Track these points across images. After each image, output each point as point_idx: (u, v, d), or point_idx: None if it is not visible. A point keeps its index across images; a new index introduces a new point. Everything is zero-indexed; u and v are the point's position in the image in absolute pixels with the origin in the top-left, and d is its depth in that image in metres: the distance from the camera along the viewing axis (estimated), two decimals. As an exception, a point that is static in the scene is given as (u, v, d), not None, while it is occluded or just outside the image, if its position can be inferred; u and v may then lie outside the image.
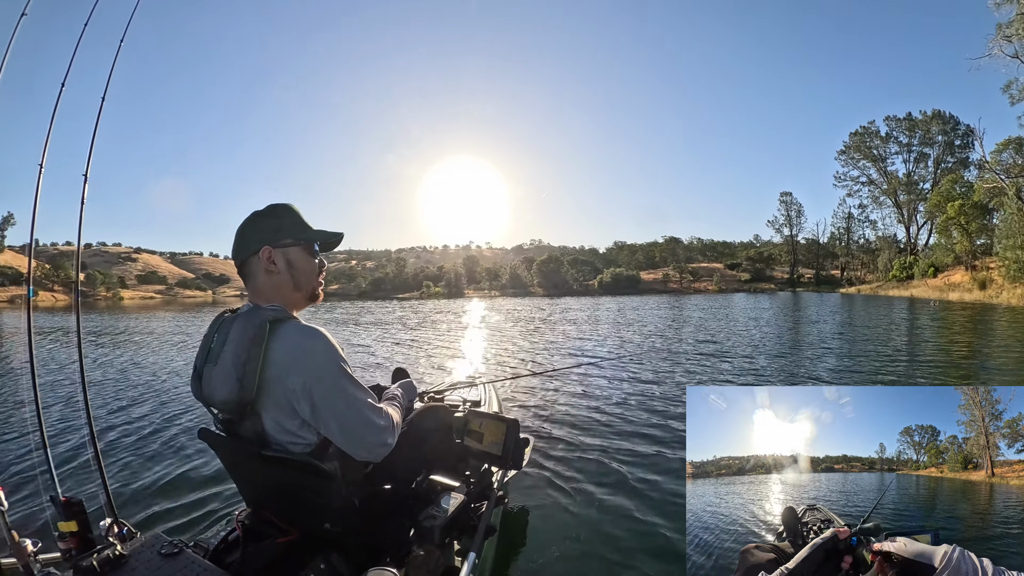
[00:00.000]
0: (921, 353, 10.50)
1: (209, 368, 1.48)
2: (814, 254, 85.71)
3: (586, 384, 7.12)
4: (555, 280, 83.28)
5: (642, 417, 5.31)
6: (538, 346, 12.31)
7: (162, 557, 1.49)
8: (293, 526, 1.60)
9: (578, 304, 37.34)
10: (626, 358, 9.66)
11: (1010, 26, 28.12)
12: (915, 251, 64.03)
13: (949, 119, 65.08)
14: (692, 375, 8.09)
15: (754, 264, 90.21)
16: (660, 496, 3.40)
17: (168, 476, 3.82)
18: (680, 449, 4.27)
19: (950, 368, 8.57)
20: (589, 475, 3.76)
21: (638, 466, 3.92)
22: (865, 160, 71.69)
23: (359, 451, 1.47)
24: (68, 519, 1.54)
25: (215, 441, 1.58)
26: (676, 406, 5.74)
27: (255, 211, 1.60)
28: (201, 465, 3.96)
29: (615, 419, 5.22)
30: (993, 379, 7.68)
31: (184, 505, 3.32)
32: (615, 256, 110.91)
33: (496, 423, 2.30)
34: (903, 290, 47.05)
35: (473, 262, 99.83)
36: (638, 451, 4.27)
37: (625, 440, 4.57)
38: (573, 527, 3.02)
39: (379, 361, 10.19)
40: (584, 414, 5.42)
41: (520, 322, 20.31)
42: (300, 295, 1.60)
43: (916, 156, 67.82)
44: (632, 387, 6.93)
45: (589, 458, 4.11)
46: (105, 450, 4.44)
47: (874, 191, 72.98)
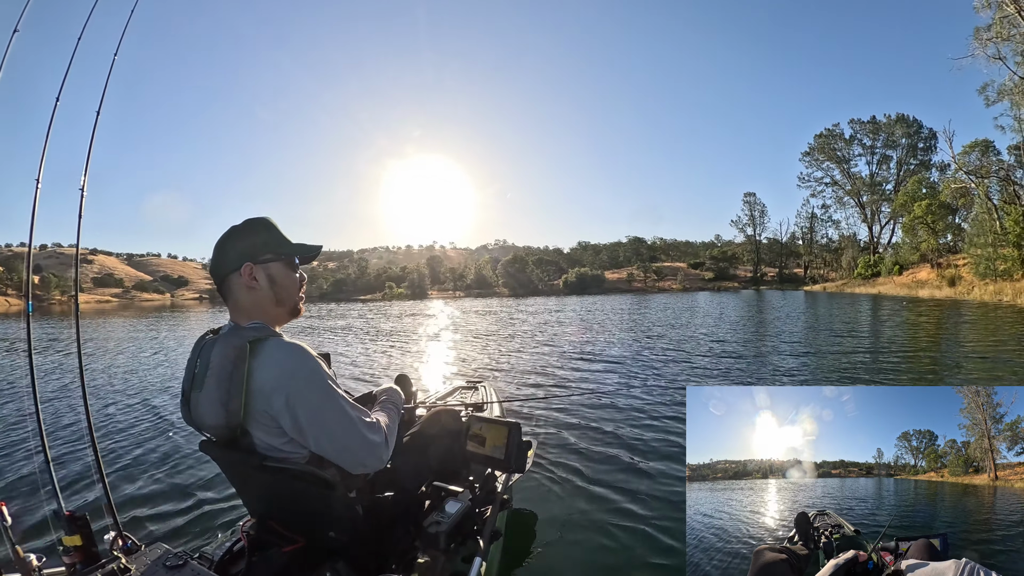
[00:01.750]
0: (915, 349, 10.60)
1: (195, 394, 1.48)
2: (776, 253, 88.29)
3: (589, 385, 7.12)
4: (520, 280, 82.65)
5: (646, 418, 5.31)
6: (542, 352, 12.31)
7: (167, 569, 1.49)
8: (298, 535, 1.60)
9: (544, 304, 37.50)
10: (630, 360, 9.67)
11: (989, 29, 28.34)
12: (877, 250, 66.50)
13: (913, 123, 67.65)
14: (697, 373, 8.15)
15: (717, 263, 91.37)
16: (665, 497, 3.41)
17: (171, 488, 3.81)
18: (683, 451, 4.29)
19: (958, 363, 8.65)
20: (593, 477, 3.76)
21: (642, 466, 3.93)
22: (829, 161, 73.73)
23: (354, 467, 1.47)
24: (72, 533, 1.54)
25: (216, 453, 1.58)
26: (680, 406, 5.74)
27: (233, 226, 1.58)
28: (204, 476, 3.95)
29: (619, 420, 5.22)
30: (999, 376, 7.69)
31: (188, 517, 3.30)
32: (580, 256, 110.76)
33: (498, 427, 2.29)
34: (870, 287, 47.87)
35: (437, 262, 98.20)
36: (642, 451, 4.28)
37: (629, 440, 4.57)
38: (578, 529, 3.02)
39: (364, 369, 10.02)
40: (586, 415, 5.41)
41: (517, 336, 20.10)
42: (282, 310, 1.59)
43: (879, 158, 70.58)
44: (635, 387, 6.94)
45: (592, 460, 4.11)
46: (108, 463, 4.42)
47: (838, 192, 75.17)
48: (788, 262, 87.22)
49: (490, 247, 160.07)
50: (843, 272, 65.70)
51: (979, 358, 8.89)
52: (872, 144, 70.37)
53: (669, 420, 5.13)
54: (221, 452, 1.55)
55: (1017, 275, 29.31)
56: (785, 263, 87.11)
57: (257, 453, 1.44)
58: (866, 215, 70.84)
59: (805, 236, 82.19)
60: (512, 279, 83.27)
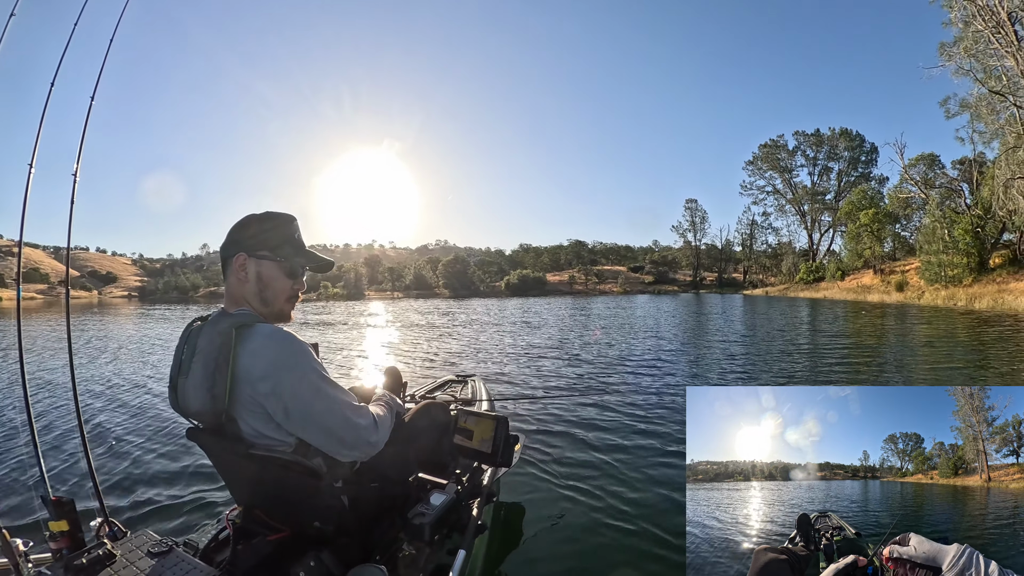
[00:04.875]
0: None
1: (182, 380, 1.47)
2: (715, 258, 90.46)
3: (577, 381, 7.15)
4: (461, 281, 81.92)
5: (635, 414, 5.34)
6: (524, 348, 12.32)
7: (152, 556, 1.49)
8: (283, 524, 1.60)
9: (484, 305, 37.41)
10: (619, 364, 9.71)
11: (956, 44, 29.05)
12: (815, 256, 70.14)
13: (856, 137, 71.08)
14: (691, 369, 8.22)
15: (657, 267, 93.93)
16: (650, 493, 3.41)
17: (158, 475, 3.78)
18: (670, 444, 4.34)
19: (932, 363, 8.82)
20: (581, 472, 3.77)
21: (630, 463, 3.94)
22: (772, 171, 76.61)
23: (342, 452, 1.45)
24: (59, 519, 1.53)
25: (203, 441, 1.57)
26: (670, 404, 5.80)
27: (251, 214, 1.58)
28: (191, 464, 3.92)
29: (608, 418, 5.23)
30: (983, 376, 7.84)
31: (174, 504, 3.28)
32: (521, 258, 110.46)
33: (485, 420, 2.29)
34: (814, 292, 49.57)
35: (375, 262, 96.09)
36: (629, 448, 4.29)
37: (616, 437, 4.58)
38: (564, 524, 3.02)
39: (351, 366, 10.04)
40: (576, 412, 5.42)
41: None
42: (266, 311, 1.55)
43: (821, 169, 74.07)
44: (623, 384, 6.97)
45: (581, 455, 4.11)
46: (95, 449, 4.39)
47: (779, 200, 77.96)
48: (727, 267, 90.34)
49: (431, 247, 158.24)
50: (783, 277, 69.12)
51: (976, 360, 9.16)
52: (815, 156, 73.90)
53: (659, 420, 5.14)
54: (208, 440, 1.54)
55: (967, 280, 31.14)
56: (724, 268, 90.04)
57: (243, 441, 1.43)
58: (807, 223, 74.36)
59: (745, 242, 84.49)
60: (453, 280, 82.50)
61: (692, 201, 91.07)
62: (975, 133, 34.56)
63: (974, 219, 33.11)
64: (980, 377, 7.66)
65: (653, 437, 4.58)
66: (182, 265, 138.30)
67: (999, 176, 26.42)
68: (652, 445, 4.37)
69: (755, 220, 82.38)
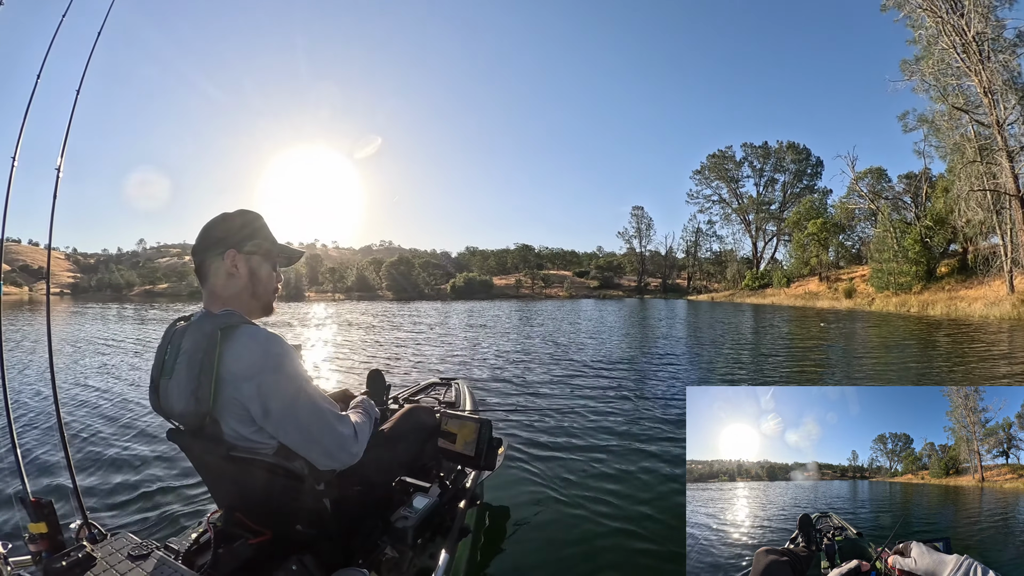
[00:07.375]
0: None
1: (165, 381, 1.45)
2: (659, 264, 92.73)
3: (562, 384, 7.15)
4: (405, 283, 78.51)
5: (619, 416, 5.37)
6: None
7: (133, 559, 1.45)
8: (265, 527, 1.57)
9: (431, 308, 37.06)
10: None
11: (917, 62, 30.24)
12: (759, 264, 71.92)
13: (802, 150, 72.45)
14: (701, 370, 8.52)
15: (603, 272, 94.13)
16: (634, 495, 3.42)
17: (139, 477, 3.70)
18: (650, 445, 4.38)
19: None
20: (564, 475, 3.76)
21: (613, 465, 3.95)
22: (719, 180, 77.33)
23: (322, 460, 1.44)
24: (38, 520, 1.49)
25: (185, 443, 1.54)
26: (658, 404, 5.87)
27: (224, 213, 1.59)
28: (171, 466, 3.84)
29: (591, 420, 5.25)
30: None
31: (155, 506, 3.21)
32: (467, 261, 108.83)
33: (469, 423, 2.27)
34: (760, 298, 50.91)
35: (317, 261, 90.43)
36: (614, 450, 4.30)
37: (601, 439, 4.60)
38: (548, 527, 3.01)
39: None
40: (560, 417, 5.41)
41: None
42: (256, 304, 1.58)
43: (767, 180, 75.25)
44: (608, 387, 7.01)
45: (564, 458, 4.10)
46: (75, 451, 4.28)
47: (725, 209, 78.76)
48: (671, 273, 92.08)
49: (375, 248, 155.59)
50: (728, 283, 70.47)
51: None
52: (761, 167, 74.88)
53: (653, 423, 5.16)
54: (189, 441, 1.51)
55: (916, 287, 32.76)
56: (668, 273, 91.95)
57: (225, 442, 1.41)
58: (751, 231, 75.31)
59: (690, 249, 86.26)
60: (397, 282, 79.03)
61: (638, 208, 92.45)
62: (930, 147, 36.13)
63: (923, 229, 34.51)
64: (930, 375, 8.10)
65: (636, 440, 4.60)
66: (116, 261, 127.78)
67: (959, 187, 27.60)
68: (635, 447, 4.38)
69: (700, 228, 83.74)
